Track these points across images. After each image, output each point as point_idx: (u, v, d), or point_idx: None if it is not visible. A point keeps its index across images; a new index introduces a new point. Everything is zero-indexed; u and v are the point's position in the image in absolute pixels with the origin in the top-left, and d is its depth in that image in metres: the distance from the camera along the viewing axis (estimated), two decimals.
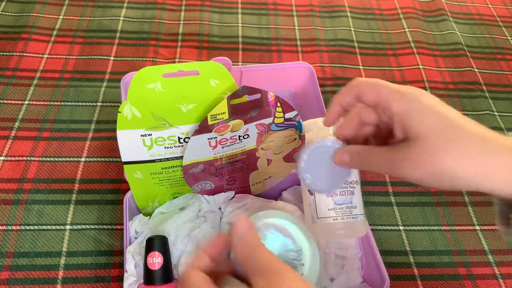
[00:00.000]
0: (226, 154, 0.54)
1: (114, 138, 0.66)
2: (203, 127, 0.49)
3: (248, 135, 0.52)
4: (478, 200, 0.69)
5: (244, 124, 0.51)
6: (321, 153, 0.44)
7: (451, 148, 0.35)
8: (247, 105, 0.49)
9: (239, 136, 0.52)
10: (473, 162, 0.34)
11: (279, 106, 0.51)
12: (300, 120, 0.53)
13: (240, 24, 0.91)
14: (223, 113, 0.48)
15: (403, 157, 0.36)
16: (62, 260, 0.57)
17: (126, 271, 0.52)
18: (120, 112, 0.47)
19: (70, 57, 0.80)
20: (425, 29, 0.96)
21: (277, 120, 0.52)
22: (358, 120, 0.42)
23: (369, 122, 0.42)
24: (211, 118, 0.48)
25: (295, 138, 0.55)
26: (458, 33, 0.95)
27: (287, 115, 0.52)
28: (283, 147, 0.56)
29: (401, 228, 0.65)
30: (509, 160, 0.34)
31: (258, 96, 0.49)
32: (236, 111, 0.49)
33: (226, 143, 0.52)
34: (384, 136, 0.41)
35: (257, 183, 0.60)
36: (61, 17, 0.86)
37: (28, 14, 0.86)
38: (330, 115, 0.42)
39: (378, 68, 0.86)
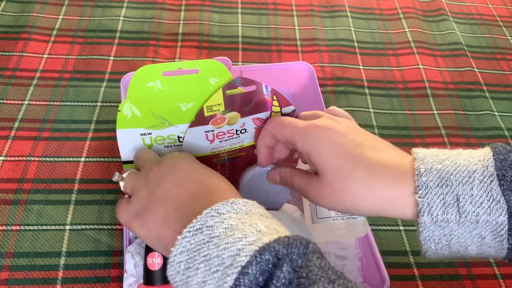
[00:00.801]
0: (225, 149, 0.53)
1: (114, 138, 0.66)
2: (199, 119, 0.49)
3: (245, 129, 0.52)
4: None
5: (241, 117, 0.51)
6: (260, 176, 0.51)
7: (349, 189, 0.39)
8: (242, 97, 0.49)
9: (236, 130, 0.52)
10: (369, 200, 0.39)
11: (275, 100, 0.51)
12: (298, 116, 0.53)
13: (240, 24, 0.91)
14: (219, 104, 0.48)
15: (315, 188, 0.42)
16: (62, 260, 0.57)
17: (126, 271, 0.52)
18: (119, 111, 0.47)
19: (70, 57, 0.80)
20: (425, 29, 0.96)
21: (274, 115, 0.52)
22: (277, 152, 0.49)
23: (285, 154, 0.49)
24: (207, 109, 0.48)
25: None
26: (458, 33, 0.95)
27: (284, 110, 0.52)
28: None
29: (401, 228, 0.65)
30: (402, 191, 0.38)
31: (253, 88, 0.49)
32: (232, 103, 0.49)
33: (224, 137, 0.52)
34: None
35: None
36: (61, 17, 0.86)
37: (27, 14, 0.86)
38: (262, 158, 0.49)
39: (378, 68, 0.86)
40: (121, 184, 0.46)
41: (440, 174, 0.37)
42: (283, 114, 0.52)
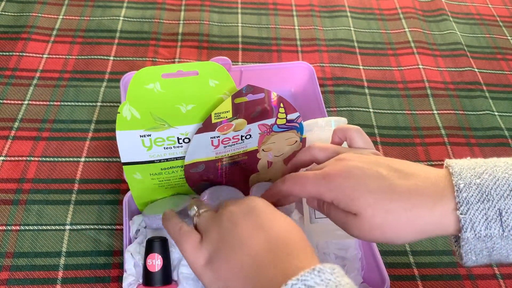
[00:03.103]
0: (228, 154, 0.54)
1: (114, 138, 0.66)
2: (206, 125, 0.49)
3: (250, 135, 0.52)
4: None
5: (247, 124, 0.51)
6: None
7: (389, 222, 0.38)
8: (250, 105, 0.49)
9: (242, 136, 0.52)
10: (412, 227, 0.38)
11: (281, 107, 0.51)
12: (302, 122, 0.53)
13: (240, 24, 0.91)
14: (227, 111, 0.48)
15: (354, 225, 0.40)
16: (62, 260, 0.57)
17: (125, 271, 0.52)
18: (119, 112, 0.47)
19: (70, 57, 0.80)
20: (425, 29, 0.96)
21: (279, 121, 0.52)
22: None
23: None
24: (215, 116, 0.48)
25: (296, 141, 0.55)
26: (458, 33, 0.95)
27: (289, 117, 0.52)
28: (284, 149, 0.56)
29: None
30: (443, 210, 0.37)
31: (261, 95, 0.49)
32: (240, 110, 0.49)
33: (229, 142, 0.52)
34: None
35: None
36: (61, 17, 0.86)
37: (27, 14, 0.86)
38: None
39: (378, 68, 0.86)
40: (196, 220, 0.43)
41: (480, 189, 0.36)
42: (288, 121, 0.52)
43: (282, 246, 0.37)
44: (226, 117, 0.49)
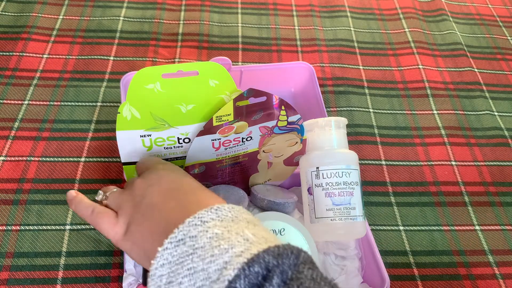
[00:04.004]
0: (228, 156, 0.54)
1: (114, 138, 0.66)
2: (208, 128, 0.49)
3: (251, 137, 0.52)
4: (478, 200, 0.70)
5: (248, 126, 0.51)
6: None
7: None
8: (252, 108, 0.49)
9: (243, 138, 0.52)
10: None
11: (283, 110, 0.51)
12: (303, 124, 0.53)
13: (240, 24, 0.91)
14: (229, 114, 0.48)
15: None
16: (62, 260, 0.57)
17: (126, 271, 0.52)
18: (119, 112, 0.47)
19: (70, 57, 0.80)
20: (425, 29, 0.96)
21: (280, 123, 0.52)
22: None
23: None
24: (216, 119, 0.48)
25: (297, 142, 0.55)
26: (458, 33, 0.95)
27: (290, 119, 0.52)
28: (284, 151, 0.56)
29: (401, 228, 0.65)
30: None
31: (263, 99, 0.49)
32: (241, 113, 0.49)
33: (229, 144, 0.52)
34: None
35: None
36: (61, 17, 0.86)
37: (27, 14, 0.86)
38: None
39: (378, 68, 0.86)
40: (105, 202, 0.44)
41: None
42: (289, 123, 0.52)
43: (193, 199, 0.38)
44: (228, 120, 0.49)
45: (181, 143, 0.51)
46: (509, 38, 0.97)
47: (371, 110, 0.79)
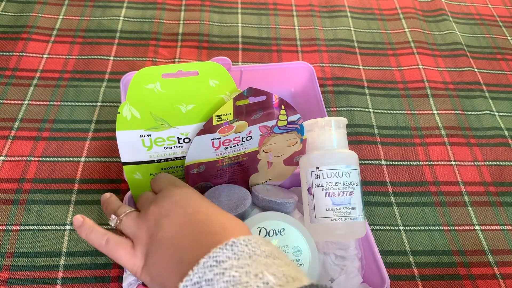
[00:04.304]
0: (228, 156, 0.54)
1: (114, 138, 0.66)
2: (207, 127, 0.49)
3: (251, 136, 0.52)
4: (478, 200, 0.70)
5: (248, 126, 0.51)
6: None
7: None
8: (252, 107, 0.49)
9: (242, 138, 0.52)
10: None
11: (283, 109, 0.51)
12: (303, 123, 0.53)
13: (240, 24, 0.91)
14: (228, 114, 0.48)
15: None
16: (62, 260, 0.57)
17: (126, 271, 0.52)
18: (119, 112, 0.47)
19: (70, 57, 0.80)
20: (425, 29, 0.96)
21: (280, 123, 0.52)
22: None
23: None
24: (216, 118, 0.48)
25: (297, 142, 0.55)
26: (458, 33, 0.95)
27: (290, 118, 0.52)
28: (284, 150, 0.56)
29: (401, 228, 0.65)
30: None
31: (263, 98, 0.49)
32: (241, 113, 0.49)
33: (229, 144, 0.52)
34: None
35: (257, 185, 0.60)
36: (61, 17, 0.86)
37: (27, 14, 0.86)
38: None
39: (378, 68, 0.86)
40: (120, 227, 0.43)
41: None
42: (289, 122, 0.52)
43: (209, 229, 0.37)
44: (228, 119, 0.49)
45: (181, 143, 0.51)
46: (509, 38, 0.97)
47: (371, 110, 0.79)
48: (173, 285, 0.34)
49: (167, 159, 0.52)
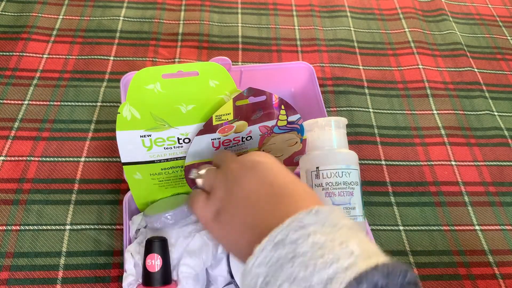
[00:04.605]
0: None
1: (114, 138, 0.66)
2: (207, 127, 0.49)
3: (251, 136, 0.52)
4: (478, 200, 0.70)
5: (248, 126, 0.51)
6: None
7: None
8: (252, 107, 0.49)
9: (242, 138, 0.52)
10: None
11: (283, 109, 0.51)
12: (303, 123, 0.53)
13: (240, 24, 0.91)
14: (228, 114, 0.48)
15: None
16: (62, 260, 0.57)
17: (126, 271, 0.52)
18: (119, 112, 0.47)
19: (70, 57, 0.80)
20: (425, 29, 0.96)
21: (280, 123, 0.52)
22: None
23: None
24: (216, 118, 0.48)
25: (297, 142, 0.55)
26: (458, 33, 0.95)
27: (290, 118, 0.52)
28: (284, 150, 0.56)
29: (401, 228, 0.65)
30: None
31: (263, 98, 0.49)
32: (241, 113, 0.49)
33: (229, 144, 0.52)
34: None
35: None
36: (61, 17, 0.86)
37: (27, 14, 0.86)
38: None
39: (378, 68, 0.86)
40: (199, 181, 0.44)
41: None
42: (288, 122, 0.52)
43: (287, 192, 0.37)
44: (227, 119, 0.49)
45: (181, 143, 0.51)
46: (509, 38, 0.97)
47: (371, 110, 0.79)
48: (250, 242, 0.34)
49: (167, 159, 0.52)
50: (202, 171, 0.44)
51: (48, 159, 0.66)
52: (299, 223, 0.32)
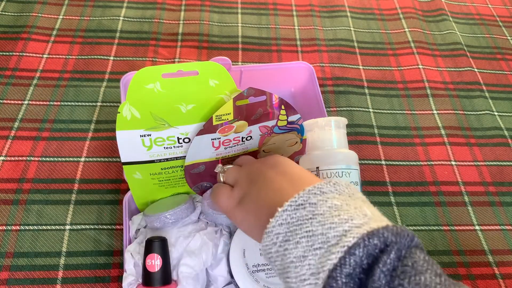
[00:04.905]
0: (228, 156, 0.54)
1: (114, 138, 0.66)
2: (207, 127, 0.49)
3: (251, 136, 0.52)
4: (478, 200, 0.69)
5: (248, 126, 0.51)
6: None
7: None
8: (252, 107, 0.49)
9: (242, 138, 0.52)
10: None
11: (283, 109, 0.51)
12: (303, 123, 0.53)
13: (240, 24, 0.91)
14: (228, 114, 0.48)
15: None
16: (62, 260, 0.57)
17: (125, 271, 0.52)
18: (119, 112, 0.47)
19: (70, 57, 0.80)
20: (425, 29, 0.96)
21: (280, 123, 0.52)
22: None
23: None
24: (216, 118, 0.48)
25: (297, 142, 0.55)
26: (458, 33, 0.95)
27: (290, 118, 0.52)
28: (284, 150, 0.56)
29: None
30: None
31: (263, 98, 0.49)
32: (241, 113, 0.49)
33: (229, 144, 0.52)
34: None
35: None
36: (61, 17, 0.86)
37: (27, 14, 0.86)
38: None
39: (377, 68, 0.86)
40: (222, 175, 0.48)
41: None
42: (289, 123, 0.52)
43: (305, 182, 0.40)
44: (228, 119, 0.49)
45: (181, 143, 0.51)
46: (509, 38, 0.97)
47: (371, 110, 0.79)
48: (271, 213, 0.37)
49: (167, 159, 0.52)
50: (228, 166, 0.49)
51: (48, 159, 0.66)
52: (318, 190, 0.36)
